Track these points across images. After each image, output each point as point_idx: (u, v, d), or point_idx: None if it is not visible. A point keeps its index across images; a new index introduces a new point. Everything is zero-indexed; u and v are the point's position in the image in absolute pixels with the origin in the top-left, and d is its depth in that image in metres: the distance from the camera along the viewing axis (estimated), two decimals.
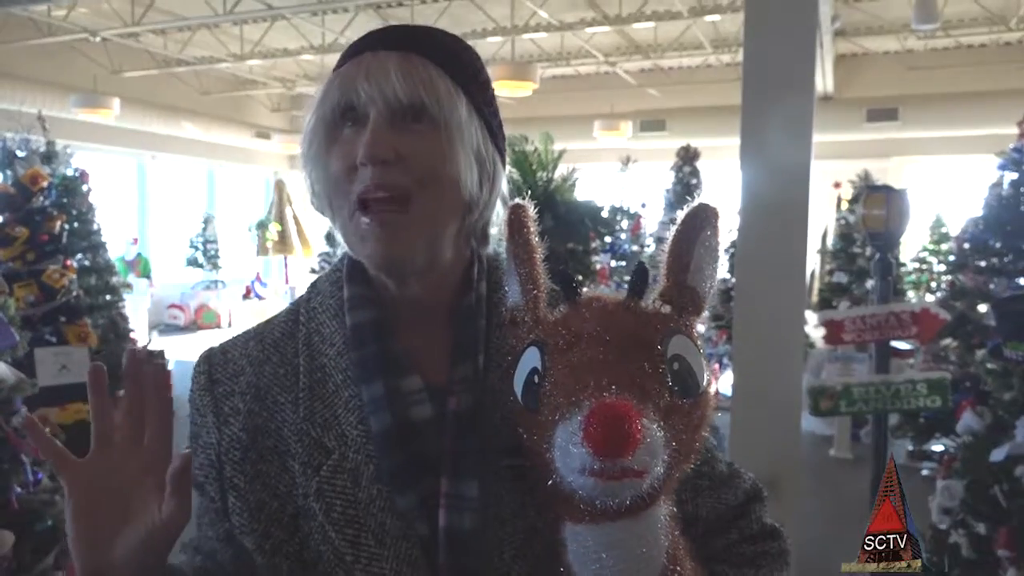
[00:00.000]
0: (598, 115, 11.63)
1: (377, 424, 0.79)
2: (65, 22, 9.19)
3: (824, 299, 7.98)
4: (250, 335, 0.89)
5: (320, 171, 0.81)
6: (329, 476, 0.78)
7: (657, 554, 0.64)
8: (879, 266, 2.89)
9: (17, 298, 4.40)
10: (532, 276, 0.73)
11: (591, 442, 0.54)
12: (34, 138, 5.65)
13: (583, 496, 0.59)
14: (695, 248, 0.70)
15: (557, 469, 0.59)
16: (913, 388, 2.52)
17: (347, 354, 0.82)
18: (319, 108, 0.81)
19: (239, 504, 0.81)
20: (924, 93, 10.80)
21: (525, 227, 0.74)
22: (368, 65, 0.79)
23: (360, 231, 0.79)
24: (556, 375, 0.63)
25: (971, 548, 2.80)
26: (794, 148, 2.64)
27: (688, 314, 0.69)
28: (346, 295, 0.85)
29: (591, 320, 0.65)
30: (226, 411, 0.83)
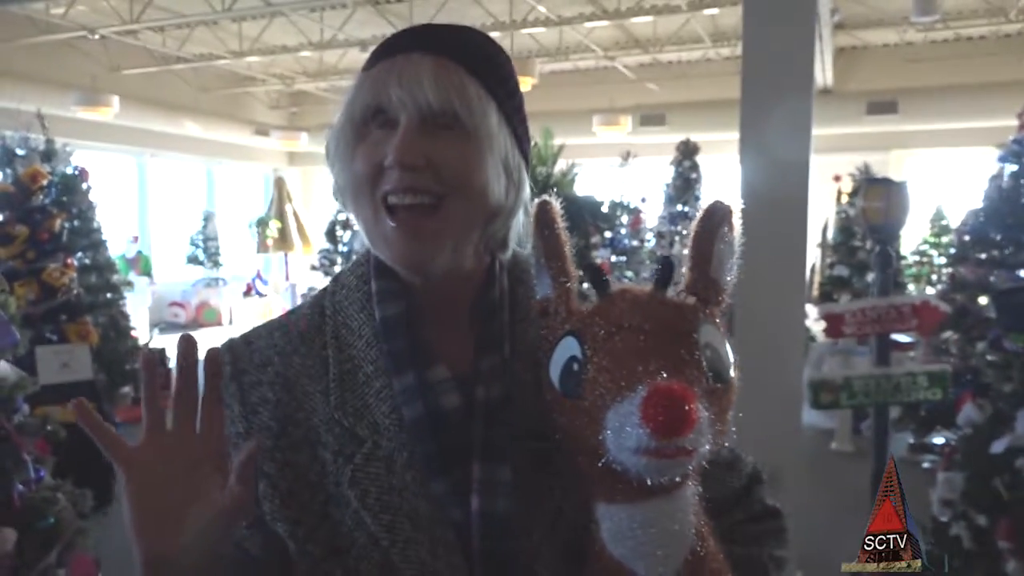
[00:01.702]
0: (597, 110, 11.62)
1: (410, 413, 0.81)
2: (64, 20, 9.17)
3: (825, 292, 7.97)
4: (274, 326, 0.91)
5: (345, 169, 0.83)
6: (363, 464, 0.80)
7: (688, 531, 0.69)
8: (879, 259, 2.89)
9: (18, 297, 4.40)
10: (563, 269, 0.76)
11: (650, 422, 0.57)
12: (33, 136, 5.65)
13: (633, 474, 0.62)
14: (716, 243, 0.75)
15: (608, 449, 0.62)
16: (914, 381, 2.52)
17: (376, 346, 0.84)
18: (348, 108, 0.82)
19: (270, 491, 0.82)
20: (924, 86, 10.78)
21: (554, 222, 0.77)
22: (401, 68, 0.80)
23: (385, 234, 0.81)
24: (600, 362, 0.66)
25: (972, 540, 2.81)
26: (794, 142, 2.64)
27: (713, 305, 0.74)
28: (374, 288, 0.87)
29: (628, 310, 0.69)
30: (254, 400, 0.85)
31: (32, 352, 3.64)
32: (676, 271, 0.74)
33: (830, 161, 9.26)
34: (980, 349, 4.15)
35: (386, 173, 0.79)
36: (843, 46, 11.38)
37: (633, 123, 11.58)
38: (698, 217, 0.77)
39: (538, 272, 0.79)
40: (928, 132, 11.38)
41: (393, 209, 0.79)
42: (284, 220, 12.99)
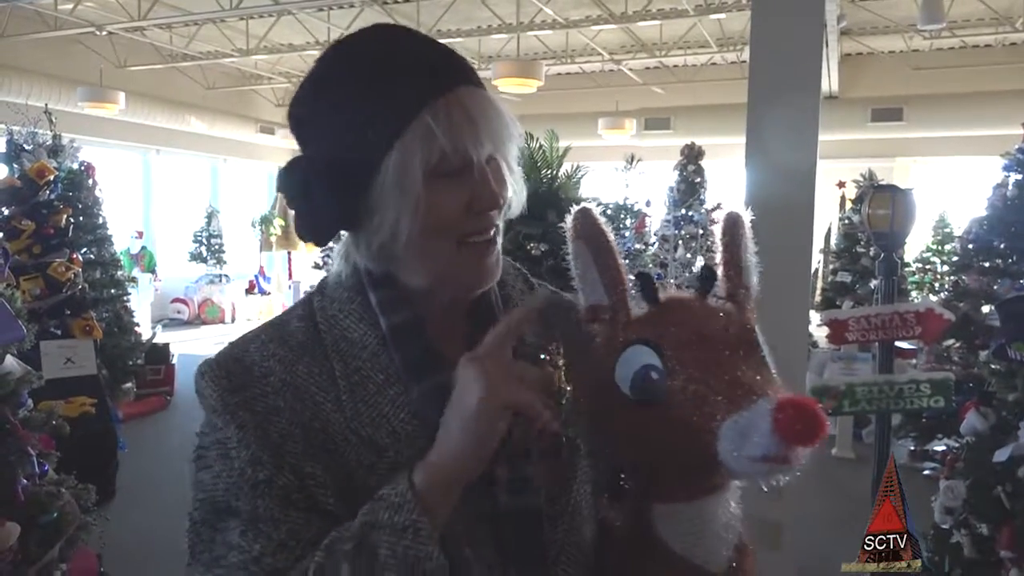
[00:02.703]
0: (603, 113, 11.62)
1: (434, 416, 0.80)
2: (71, 16, 9.19)
3: (827, 298, 7.97)
4: (264, 339, 0.87)
5: (418, 214, 0.80)
6: (387, 473, 0.79)
7: (736, 520, 0.76)
8: (884, 266, 2.89)
9: (23, 291, 4.41)
10: (616, 276, 0.77)
11: (787, 431, 0.60)
12: (40, 132, 5.66)
13: (744, 477, 0.68)
14: (743, 251, 0.81)
15: (722, 457, 0.64)
16: (917, 388, 2.52)
17: (384, 354, 0.84)
18: (412, 157, 0.78)
19: (320, 490, 0.79)
20: (929, 93, 10.78)
21: (601, 228, 0.78)
22: (466, 106, 0.80)
23: (460, 269, 0.84)
24: (689, 373, 0.68)
25: (973, 548, 2.80)
26: (799, 147, 2.64)
27: (748, 308, 0.79)
28: (374, 300, 0.87)
29: (699, 320, 0.72)
30: (262, 410, 0.80)
31: (37, 347, 3.65)
32: (717, 278, 0.79)
33: (834, 167, 9.27)
34: (983, 358, 4.14)
35: (471, 215, 0.82)
36: (849, 52, 11.38)
37: (638, 126, 11.59)
38: (723, 228, 0.82)
39: (585, 280, 0.79)
40: (933, 140, 11.38)
41: (466, 243, 0.83)
42: (287, 218, 13.00)
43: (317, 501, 0.78)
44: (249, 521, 0.76)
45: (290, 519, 0.77)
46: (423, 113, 0.78)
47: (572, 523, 0.87)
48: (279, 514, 0.76)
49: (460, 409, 0.74)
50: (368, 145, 0.80)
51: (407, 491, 0.74)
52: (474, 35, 10.45)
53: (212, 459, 0.80)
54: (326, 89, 0.84)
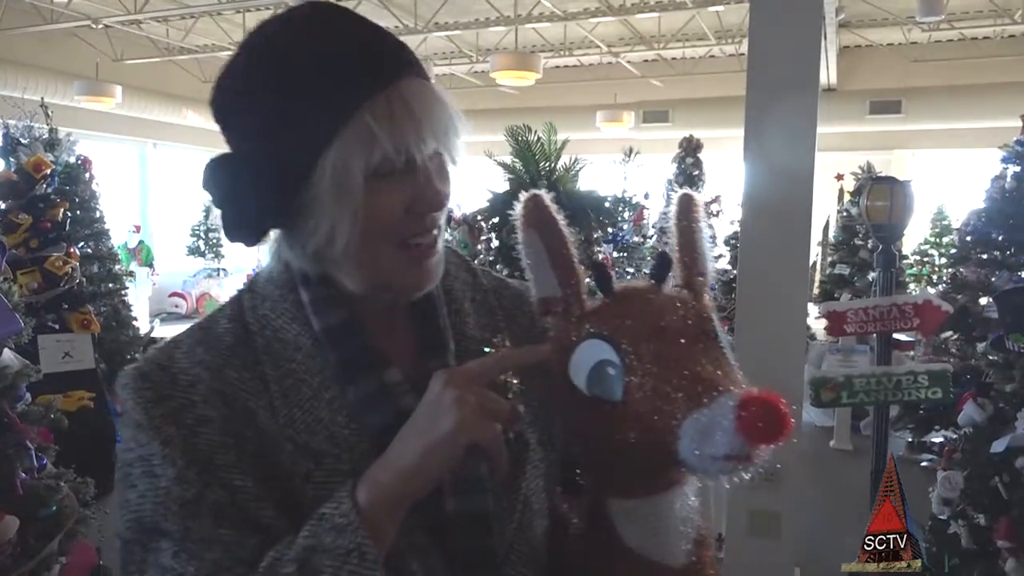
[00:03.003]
0: (601, 106, 11.61)
1: (375, 420, 0.78)
2: (67, 9, 9.16)
3: (825, 291, 7.98)
4: (191, 343, 0.81)
5: (357, 218, 0.74)
6: (325, 481, 0.75)
7: (695, 514, 0.73)
8: (882, 258, 2.89)
9: (21, 285, 4.41)
10: (569, 266, 0.74)
11: (750, 429, 0.57)
12: (37, 125, 5.65)
13: (706, 476, 0.63)
14: (697, 236, 0.77)
15: (682, 455, 0.61)
16: (915, 380, 2.52)
17: (319, 356, 0.79)
18: (362, 155, 0.72)
19: (256, 503, 0.74)
20: (928, 85, 10.77)
21: (552, 217, 0.75)
22: (409, 103, 0.73)
23: (404, 265, 0.79)
24: (647, 368, 0.65)
25: (971, 539, 2.82)
26: (798, 140, 2.64)
27: (705, 296, 0.75)
28: (306, 298, 0.82)
29: (656, 312, 0.69)
30: (190, 422, 0.75)
31: (35, 340, 3.65)
32: (671, 266, 0.75)
33: (832, 160, 9.25)
34: (981, 349, 4.15)
35: (412, 217, 0.77)
36: (847, 45, 11.37)
37: (636, 119, 11.57)
38: (675, 212, 0.78)
39: (537, 270, 0.76)
40: (931, 132, 11.37)
41: (407, 246, 0.78)
42: None
43: (253, 515, 0.73)
44: (180, 541, 0.71)
45: (223, 537, 0.72)
46: (363, 111, 0.72)
47: (522, 520, 0.83)
48: (211, 533, 0.72)
49: (424, 432, 0.71)
50: (302, 143, 0.73)
51: (351, 511, 0.69)
52: (472, 27, 10.42)
53: (136, 477, 0.74)
54: (255, 79, 0.76)
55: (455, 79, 13.02)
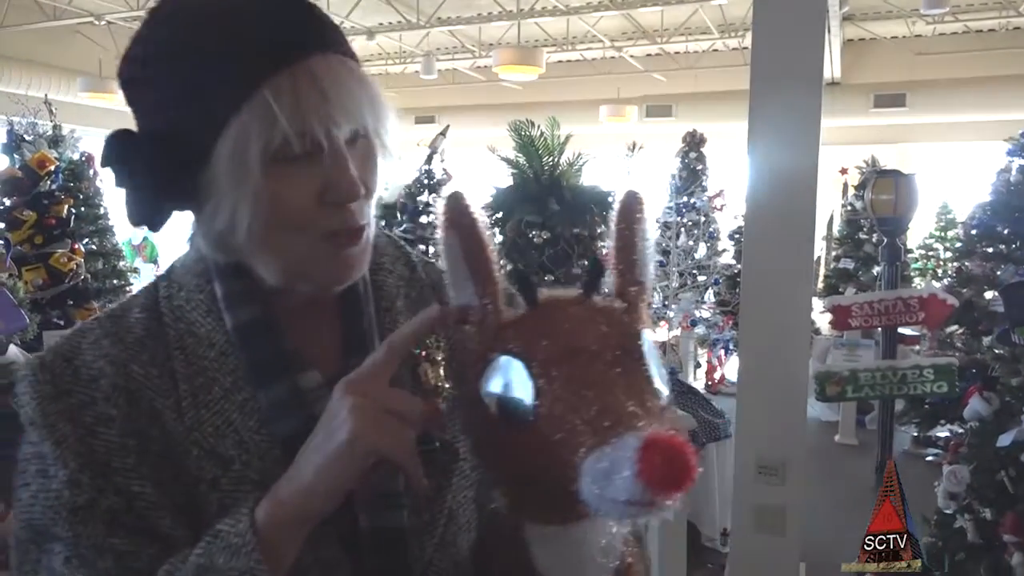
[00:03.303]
0: (604, 100, 11.58)
1: (284, 428, 0.73)
2: (70, 6, 9.16)
3: (830, 285, 7.96)
4: (97, 333, 0.75)
5: (251, 204, 0.68)
6: (231, 490, 0.71)
7: (616, 542, 0.67)
8: (887, 251, 2.88)
9: (26, 281, 4.42)
10: (487, 274, 0.67)
11: (650, 478, 0.53)
12: (41, 122, 5.66)
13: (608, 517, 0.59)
14: (638, 240, 0.70)
15: (584, 495, 0.57)
16: (920, 374, 2.52)
17: (232, 354, 0.74)
18: (249, 142, 0.66)
19: (154, 511, 0.70)
20: (932, 79, 10.72)
21: (473, 218, 0.67)
22: (319, 78, 0.67)
23: (322, 258, 0.72)
24: (558, 394, 0.60)
25: (977, 533, 2.81)
26: (802, 134, 2.63)
27: (641, 308, 0.68)
28: (220, 292, 0.76)
29: (576, 330, 0.63)
30: (89, 421, 0.70)
31: (40, 337, 3.66)
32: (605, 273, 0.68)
33: (837, 154, 9.23)
34: (987, 343, 4.14)
35: (326, 208, 0.69)
36: (851, 38, 11.32)
37: (640, 114, 11.55)
38: (618, 211, 0.71)
39: (454, 276, 0.69)
40: (936, 125, 11.33)
41: (326, 237, 0.71)
42: None
43: (150, 524, 0.69)
44: (72, 547, 0.68)
45: (116, 546, 0.68)
46: (263, 88, 0.66)
47: (445, 536, 0.78)
48: (103, 541, 0.68)
49: (321, 444, 0.65)
50: (201, 120, 0.67)
51: (247, 531, 0.64)
52: (474, 22, 10.40)
53: (30, 475, 0.70)
54: (158, 47, 0.70)
55: (458, 74, 13.00)
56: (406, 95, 13.69)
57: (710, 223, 8.10)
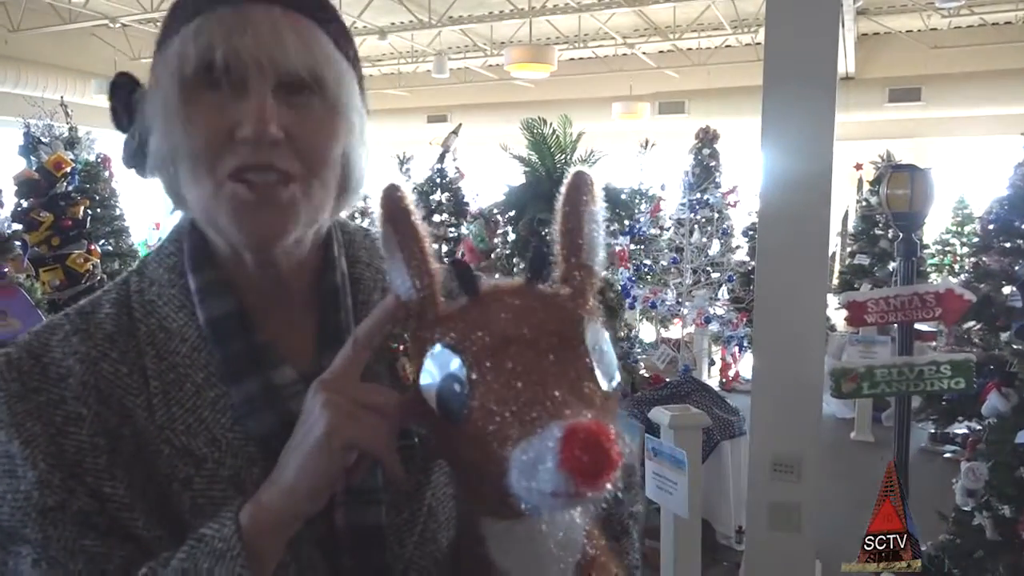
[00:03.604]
0: (617, 97, 11.56)
1: (258, 425, 0.72)
2: (85, 9, 9.24)
3: (845, 281, 7.91)
4: (67, 330, 0.74)
5: (172, 135, 0.69)
6: (204, 488, 0.70)
7: (578, 536, 0.66)
8: (903, 246, 2.86)
9: (43, 282, 4.46)
10: (423, 265, 0.66)
11: (572, 468, 0.51)
12: (57, 124, 5.71)
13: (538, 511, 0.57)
14: (585, 223, 0.69)
15: (511, 487, 0.55)
16: (937, 370, 2.50)
17: (205, 349, 0.73)
18: (176, 60, 0.68)
19: (125, 512, 0.69)
20: (948, 72, 10.63)
21: (407, 210, 0.67)
22: (254, 20, 0.68)
23: (235, 201, 0.69)
24: (490, 386, 0.59)
25: (996, 530, 2.79)
26: (816, 129, 2.62)
27: (588, 294, 0.67)
28: (194, 285, 0.75)
29: (513, 320, 0.61)
30: (59, 420, 0.69)
31: None
32: (549, 261, 0.67)
33: (851, 149, 9.17)
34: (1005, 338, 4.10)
35: (235, 146, 0.68)
36: (865, 32, 11.24)
37: (652, 110, 11.52)
38: (562, 194, 0.69)
39: (393, 269, 0.68)
40: (952, 120, 11.24)
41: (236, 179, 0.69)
42: None
43: (122, 524, 0.68)
44: (41, 550, 0.66)
45: (88, 548, 0.67)
46: (200, 18, 0.69)
47: (424, 534, 0.77)
48: (74, 543, 0.66)
49: (299, 443, 0.65)
50: (154, 53, 0.72)
51: (232, 536, 0.63)
52: (486, 20, 10.40)
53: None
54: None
55: (470, 73, 13.01)
56: (418, 94, 13.71)
57: (724, 220, 8.07)
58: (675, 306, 5.94)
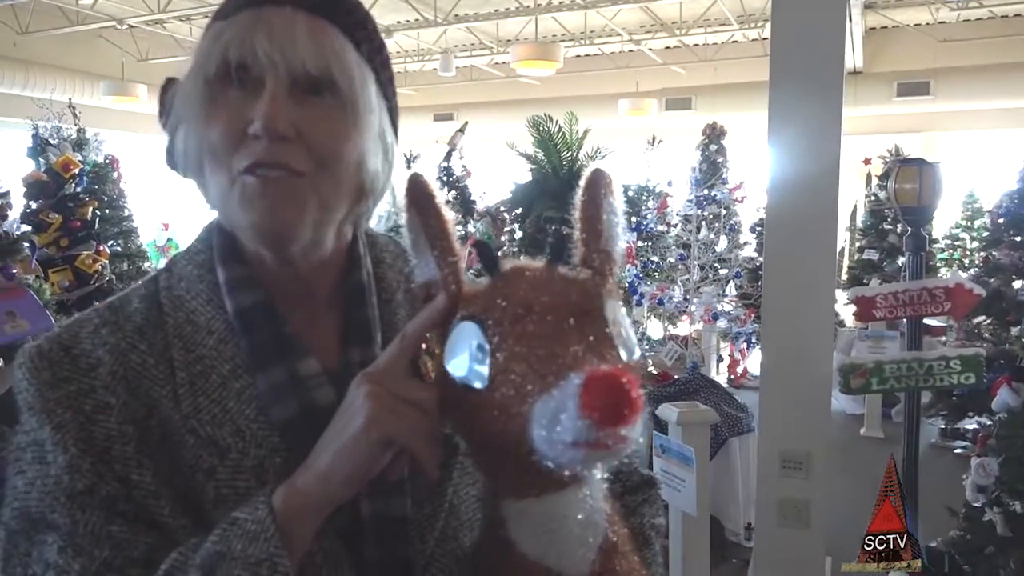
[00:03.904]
0: (623, 94, 11.54)
1: (282, 413, 0.73)
2: (92, 11, 9.27)
3: (854, 276, 7.89)
4: (96, 323, 0.76)
5: (197, 133, 0.73)
6: (228, 479, 0.70)
7: (600, 517, 0.65)
8: (911, 241, 2.85)
9: (52, 283, 4.49)
10: (448, 247, 0.69)
11: (593, 411, 0.52)
12: (65, 126, 5.73)
13: (565, 467, 0.57)
14: (603, 213, 0.72)
15: (534, 444, 0.56)
16: (946, 365, 2.49)
17: (232, 341, 0.75)
18: (202, 61, 0.72)
19: (151, 500, 0.70)
20: (957, 66, 10.57)
21: (431, 194, 0.70)
22: (271, 22, 0.71)
23: (245, 193, 0.71)
24: (512, 350, 0.60)
25: (1006, 526, 2.78)
26: (823, 124, 2.60)
27: (608, 276, 0.69)
28: (222, 278, 0.77)
29: (532, 290, 0.63)
30: (88, 409, 0.70)
31: None
32: (568, 244, 0.70)
33: (860, 143, 9.14)
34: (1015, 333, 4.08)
35: (248, 142, 0.70)
36: (873, 26, 11.18)
37: (659, 107, 11.50)
38: (581, 187, 0.73)
39: (417, 253, 0.71)
40: (961, 113, 11.17)
41: (246, 172, 0.71)
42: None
43: (148, 512, 0.69)
44: (68, 536, 0.67)
45: (115, 534, 0.67)
46: (223, 21, 0.73)
47: (446, 531, 0.78)
48: (101, 529, 0.67)
49: (338, 433, 0.66)
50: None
51: (266, 518, 0.64)
52: (492, 18, 10.39)
53: (26, 463, 0.70)
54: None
55: (476, 71, 13.00)
56: (424, 92, 13.71)
57: (731, 216, 8.04)
58: (682, 302, 5.92)
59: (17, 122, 5.60)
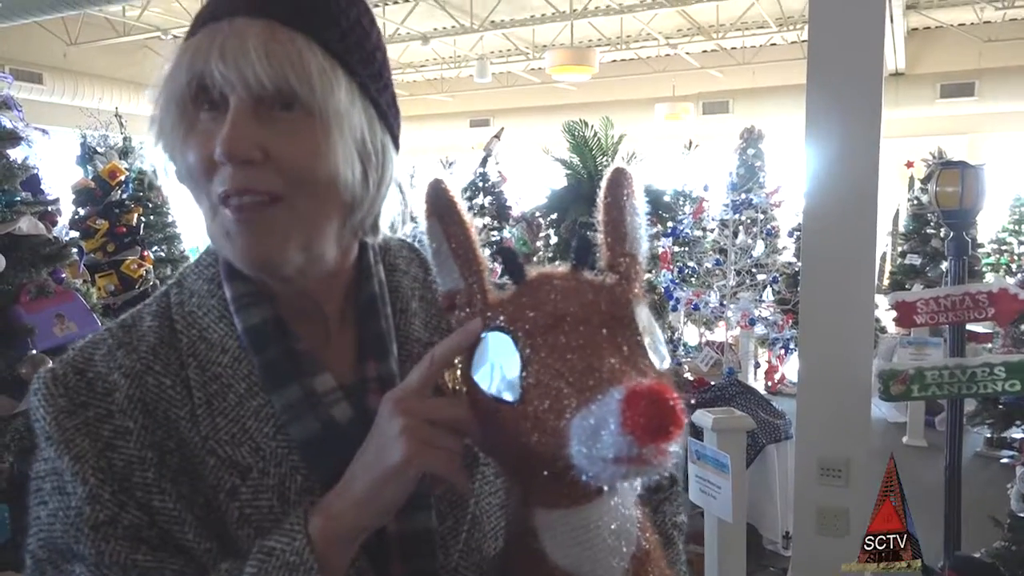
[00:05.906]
0: (660, 98, 11.49)
1: (301, 431, 0.71)
2: (138, 22, 9.51)
3: (896, 282, 7.75)
4: (110, 344, 0.74)
5: (177, 159, 0.70)
6: (251, 499, 0.69)
7: (632, 526, 0.64)
8: (954, 245, 2.79)
9: (99, 288, 4.60)
10: (472, 255, 0.67)
11: (636, 427, 0.50)
12: (112, 134, 5.88)
13: (601, 482, 0.55)
14: (627, 215, 0.70)
15: (573, 459, 0.54)
16: (991, 372, 2.43)
17: (246, 359, 0.73)
18: (168, 86, 0.69)
19: (175, 525, 0.69)
20: (1002, 66, 10.33)
21: (452, 201, 0.68)
22: (223, 39, 0.66)
23: (225, 227, 0.68)
24: (545, 362, 0.59)
25: None
26: (862, 127, 2.57)
27: (635, 281, 0.67)
28: (229, 295, 0.75)
29: (563, 299, 0.62)
30: (107, 435, 0.69)
31: None
32: (593, 247, 0.68)
33: (903, 146, 8.98)
34: None
35: (220, 168, 0.66)
36: (916, 27, 10.99)
37: (696, 111, 11.43)
38: (603, 188, 0.71)
39: (439, 261, 0.69)
40: (1007, 114, 10.92)
41: (228, 203, 0.68)
42: None
43: (172, 537, 0.68)
44: (95, 566, 0.66)
45: (140, 563, 0.66)
46: (194, 36, 0.69)
47: (470, 543, 0.76)
48: (127, 559, 0.66)
49: (372, 465, 0.65)
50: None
51: (305, 549, 0.63)
52: (527, 24, 10.43)
53: (48, 493, 0.69)
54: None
55: (512, 77, 13.04)
56: (461, 99, 13.79)
57: (769, 220, 7.95)
58: (719, 308, 5.87)
59: (67, 130, 5.76)
